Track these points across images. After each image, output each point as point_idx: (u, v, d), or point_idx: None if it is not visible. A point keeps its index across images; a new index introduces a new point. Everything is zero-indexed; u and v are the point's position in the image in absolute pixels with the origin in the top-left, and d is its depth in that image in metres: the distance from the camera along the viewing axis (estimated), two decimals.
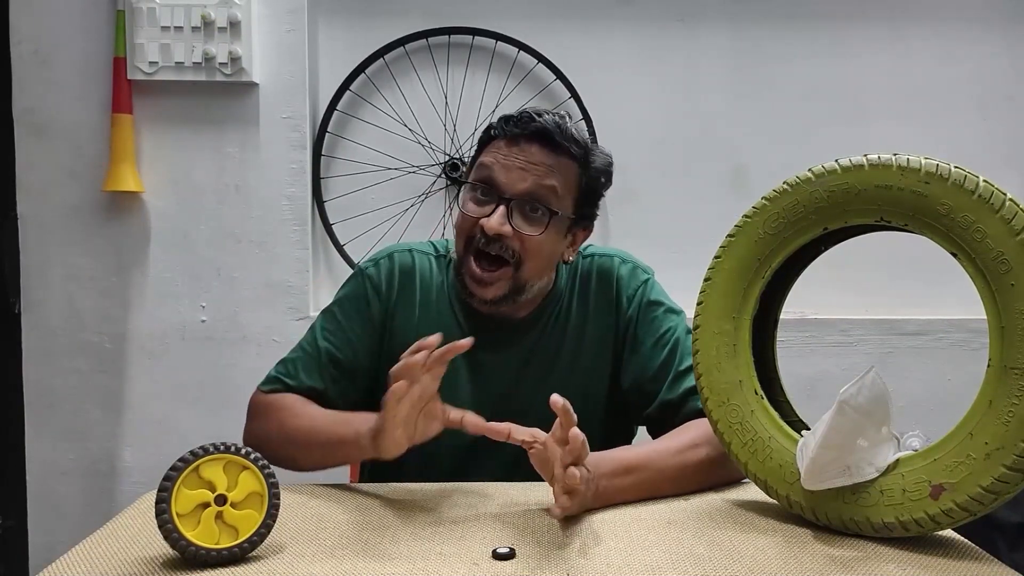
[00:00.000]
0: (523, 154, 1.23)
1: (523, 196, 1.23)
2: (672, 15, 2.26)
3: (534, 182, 1.23)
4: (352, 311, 1.34)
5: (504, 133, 1.24)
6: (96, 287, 2.19)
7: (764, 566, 0.88)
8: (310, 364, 1.31)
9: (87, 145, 2.16)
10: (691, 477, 1.14)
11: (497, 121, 1.27)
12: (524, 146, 1.23)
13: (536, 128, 1.23)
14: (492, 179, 1.23)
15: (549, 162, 1.24)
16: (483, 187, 1.24)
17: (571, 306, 1.34)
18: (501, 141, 1.25)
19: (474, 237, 1.24)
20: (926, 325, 2.24)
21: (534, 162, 1.23)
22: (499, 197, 1.23)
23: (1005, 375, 0.87)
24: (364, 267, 1.37)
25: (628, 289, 1.34)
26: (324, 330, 1.33)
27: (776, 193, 1.03)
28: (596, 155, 1.29)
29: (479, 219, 1.23)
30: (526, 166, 1.23)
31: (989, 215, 0.88)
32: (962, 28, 2.26)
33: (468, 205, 1.26)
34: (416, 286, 1.34)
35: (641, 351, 1.31)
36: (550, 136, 1.23)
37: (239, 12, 2.10)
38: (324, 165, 2.25)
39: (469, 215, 1.25)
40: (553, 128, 1.23)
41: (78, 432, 2.21)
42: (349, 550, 0.93)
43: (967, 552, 0.91)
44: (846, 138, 2.24)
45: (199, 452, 0.88)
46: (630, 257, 1.39)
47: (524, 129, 1.23)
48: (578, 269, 1.37)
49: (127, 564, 0.89)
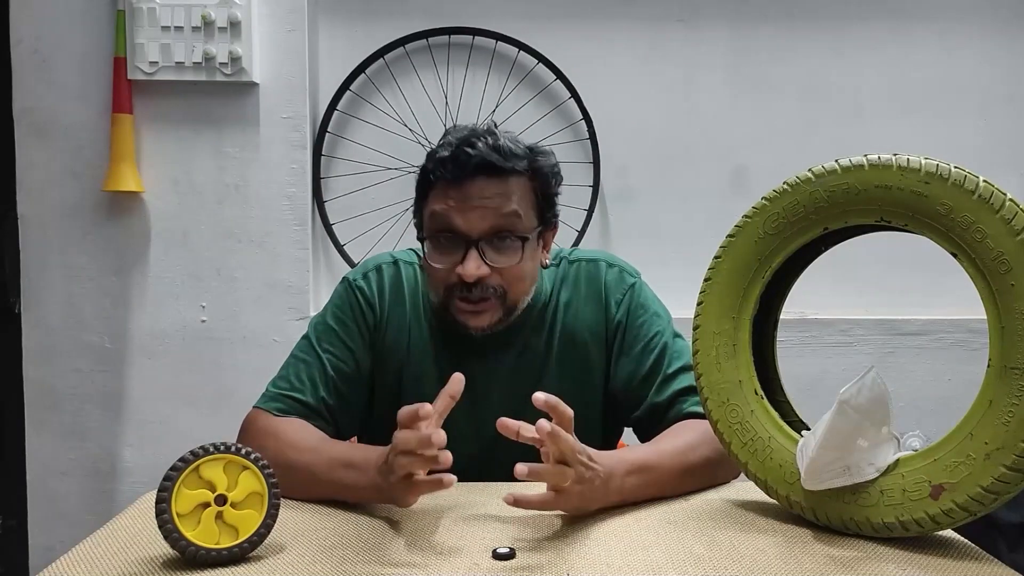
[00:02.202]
0: (473, 191, 1.18)
1: (489, 234, 1.19)
2: (672, 15, 2.26)
3: (495, 216, 1.18)
4: (348, 321, 1.31)
5: (446, 175, 1.18)
6: (96, 287, 2.19)
7: (764, 566, 0.88)
8: (316, 379, 1.26)
9: (87, 145, 2.16)
10: (692, 477, 1.14)
11: (432, 165, 1.20)
12: (471, 183, 1.18)
13: (477, 162, 1.17)
14: (452, 227, 1.18)
15: (501, 190, 1.19)
16: (445, 236, 1.20)
17: (558, 310, 1.33)
18: (444, 184, 1.19)
19: (453, 284, 1.20)
20: (926, 325, 2.24)
21: (487, 196, 1.18)
22: (465, 242, 1.18)
23: (1005, 375, 0.87)
24: (353, 279, 1.34)
25: (615, 293, 1.33)
26: (322, 342, 1.29)
27: (776, 193, 1.03)
28: (539, 158, 1.23)
29: (453, 268, 1.19)
30: (481, 203, 1.18)
31: (989, 215, 0.88)
32: (962, 28, 2.26)
33: (434, 257, 1.21)
34: (405, 298, 1.33)
35: (630, 355, 1.30)
36: (492, 165, 1.17)
37: (239, 12, 2.10)
38: (324, 165, 2.25)
39: (441, 267, 1.21)
40: (493, 157, 1.17)
41: (78, 432, 2.21)
42: (349, 550, 0.93)
43: (967, 552, 0.91)
44: (846, 138, 2.24)
45: (199, 452, 0.88)
46: (616, 260, 1.37)
47: (464, 168, 1.17)
48: (564, 274, 1.35)
49: (127, 564, 0.89)
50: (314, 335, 1.31)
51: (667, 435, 1.20)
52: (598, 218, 2.26)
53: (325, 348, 1.29)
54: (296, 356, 1.30)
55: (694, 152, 2.28)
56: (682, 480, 1.13)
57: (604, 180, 2.25)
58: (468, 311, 1.22)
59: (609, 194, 2.29)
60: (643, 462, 1.10)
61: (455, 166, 1.18)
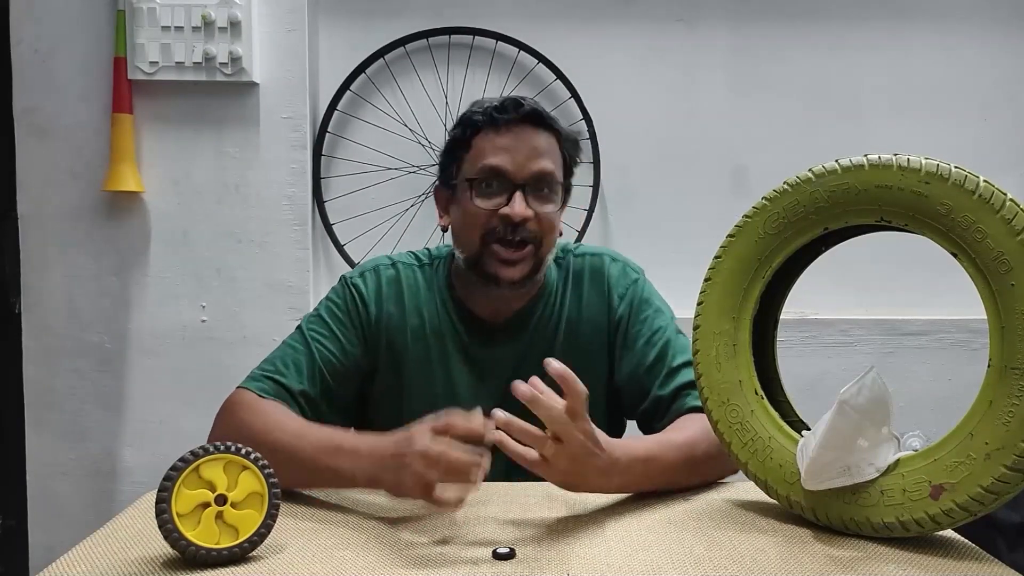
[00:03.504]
0: (522, 137, 1.26)
1: (535, 178, 1.25)
2: (672, 15, 2.26)
3: (540, 163, 1.25)
4: (343, 317, 1.31)
5: (494, 121, 1.26)
6: (96, 287, 2.19)
7: (764, 566, 0.88)
8: (302, 367, 1.26)
9: (87, 145, 2.16)
10: (696, 470, 1.15)
11: (482, 111, 1.27)
12: (518, 130, 1.26)
13: (526, 112, 1.26)
14: (500, 168, 1.24)
15: (544, 141, 1.27)
16: (492, 179, 1.25)
17: (563, 304, 1.35)
18: (489, 131, 1.26)
19: (493, 228, 1.25)
20: (926, 325, 2.24)
21: (534, 144, 1.26)
22: (512, 184, 1.24)
23: (1005, 375, 0.87)
24: (350, 277, 1.35)
25: (619, 288, 1.35)
26: (313, 334, 1.29)
27: (776, 193, 1.03)
28: (565, 129, 1.33)
29: (496, 210, 1.24)
30: (529, 150, 1.25)
31: (989, 215, 0.88)
32: (962, 28, 2.26)
33: (480, 199, 1.26)
34: (404, 297, 1.33)
35: (634, 349, 1.32)
36: (539, 117, 1.27)
37: (239, 12, 2.10)
38: (324, 165, 2.25)
39: (484, 208, 1.25)
40: (539, 107, 1.28)
41: (78, 432, 2.21)
42: (349, 550, 0.93)
43: (967, 552, 0.91)
44: (846, 138, 2.24)
45: (199, 452, 0.88)
46: (620, 256, 1.41)
47: (516, 114, 1.25)
48: (569, 267, 1.38)
49: (127, 564, 0.89)
50: (306, 326, 1.31)
51: (672, 428, 1.21)
52: (598, 218, 2.26)
53: (315, 339, 1.29)
54: (286, 343, 1.31)
55: (694, 152, 2.28)
56: (686, 473, 1.13)
57: (604, 180, 2.25)
58: (505, 258, 1.25)
59: (609, 194, 2.29)
60: (648, 453, 1.10)
61: (506, 111, 1.26)
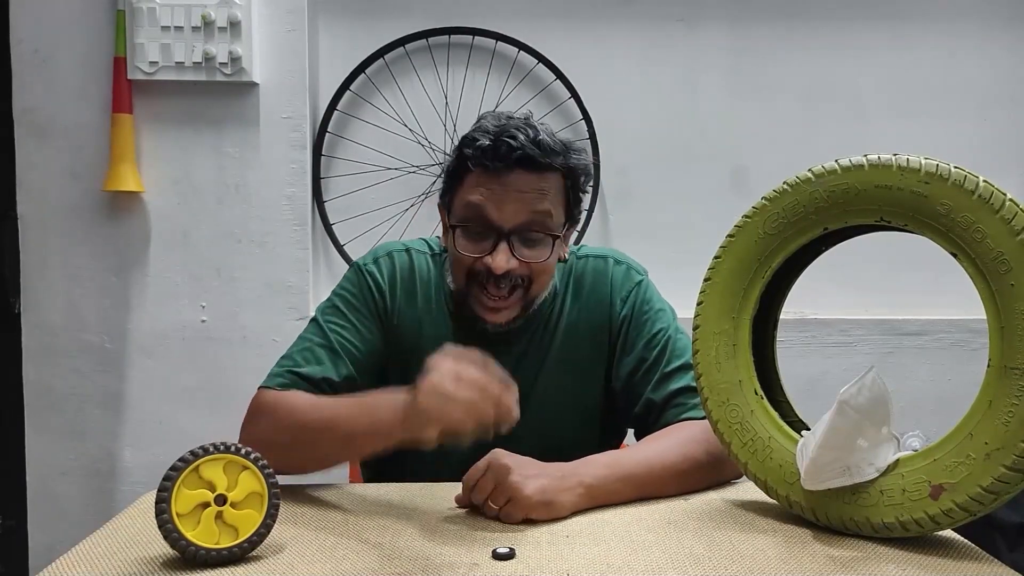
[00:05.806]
0: (511, 183, 1.17)
1: (521, 228, 1.19)
2: (672, 15, 2.26)
3: (529, 211, 1.18)
4: (359, 304, 1.30)
5: (485, 164, 1.17)
6: (96, 287, 2.19)
7: (764, 566, 0.88)
8: (322, 357, 1.24)
9: (87, 145, 2.16)
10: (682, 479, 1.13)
11: (471, 151, 1.18)
12: (508, 175, 1.17)
13: (518, 155, 1.16)
14: (485, 217, 1.18)
15: (537, 185, 1.18)
16: (477, 225, 1.19)
17: (564, 306, 1.33)
18: (481, 173, 1.18)
19: (478, 272, 1.21)
20: (926, 325, 2.24)
21: (524, 190, 1.18)
22: (497, 233, 1.18)
23: (1005, 375, 0.87)
24: (363, 263, 1.33)
25: (622, 290, 1.33)
26: (330, 323, 1.28)
27: (776, 193, 1.03)
28: (574, 156, 1.22)
29: (481, 257, 1.19)
30: (518, 196, 1.17)
31: (989, 215, 0.88)
32: (962, 28, 2.26)
33: (463, 245, 1.21)
34: (416, 286, 1.32)
35: (633, 351, 1.30)
36: (532, 160, 1.17)
37: (239, 12, 2.10)
38: (324, 165, 2.25)
39: (468, 255, 1.20)
40: (533, 151, 1.16)
41: (78, 432, 2.21)
42: (349, 550, 0.93)
43: (967, 552, 0.91)
44: (846, 138, 2.24)
45: (199, 452, 0.88)
46: (624, 257, 1.38)
47: (505, 160, 1.16)
48: (572, 270, 1.35)
49: (127, 564, 0.89)
50: (322, 317, 1.30)
51: (660, 435, 1.20)
52: (598, 218, 2.26)
53: (333, 329, 1.27)
54: (302, 336, 1.30)
55: (694, 152, 2.28)
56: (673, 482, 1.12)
57: (604, 180, 2.25)
58: (489, 306, 1.22)
59: (609, 194, 2.29)
60: (622, 464, 1.10)
61: (495, 156, 1.16)
